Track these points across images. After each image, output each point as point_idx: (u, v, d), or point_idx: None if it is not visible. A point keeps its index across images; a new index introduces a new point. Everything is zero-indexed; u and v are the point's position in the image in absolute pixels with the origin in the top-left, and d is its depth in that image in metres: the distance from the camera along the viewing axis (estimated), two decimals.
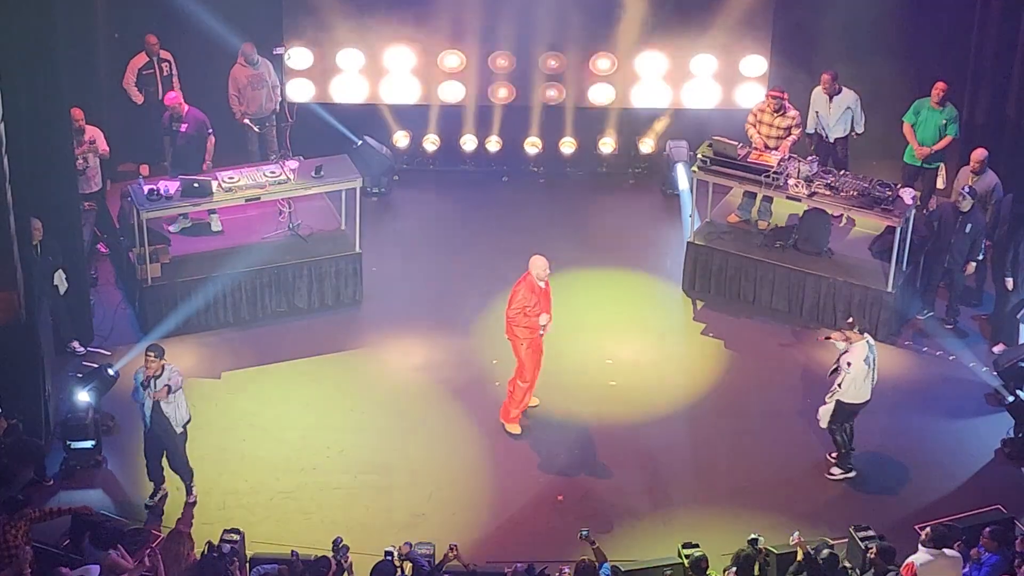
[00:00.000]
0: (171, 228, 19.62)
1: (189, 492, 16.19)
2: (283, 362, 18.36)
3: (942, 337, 18.97)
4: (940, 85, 20.07)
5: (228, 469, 16.59)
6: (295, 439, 17.06)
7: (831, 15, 21.57)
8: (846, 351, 16.45)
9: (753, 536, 14.42)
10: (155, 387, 15.53)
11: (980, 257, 18.85)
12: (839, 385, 16.45)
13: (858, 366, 16.35)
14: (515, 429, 17.21)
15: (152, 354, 15.57)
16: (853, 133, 20.69)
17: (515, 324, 16.83)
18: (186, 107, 19.77)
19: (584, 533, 14.47)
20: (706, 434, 17.34)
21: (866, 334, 16.60)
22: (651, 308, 19.61)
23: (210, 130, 19.77)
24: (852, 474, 16.80)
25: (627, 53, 21.96)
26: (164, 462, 16.07)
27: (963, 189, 18.66)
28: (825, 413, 16.66)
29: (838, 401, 16.51)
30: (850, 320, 16.76)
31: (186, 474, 16.13)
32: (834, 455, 16.90)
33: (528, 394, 17.21)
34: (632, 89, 22.17)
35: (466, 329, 19.02)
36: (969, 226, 18.59)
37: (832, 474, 16.84)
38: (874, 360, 16.46)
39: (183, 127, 19.67)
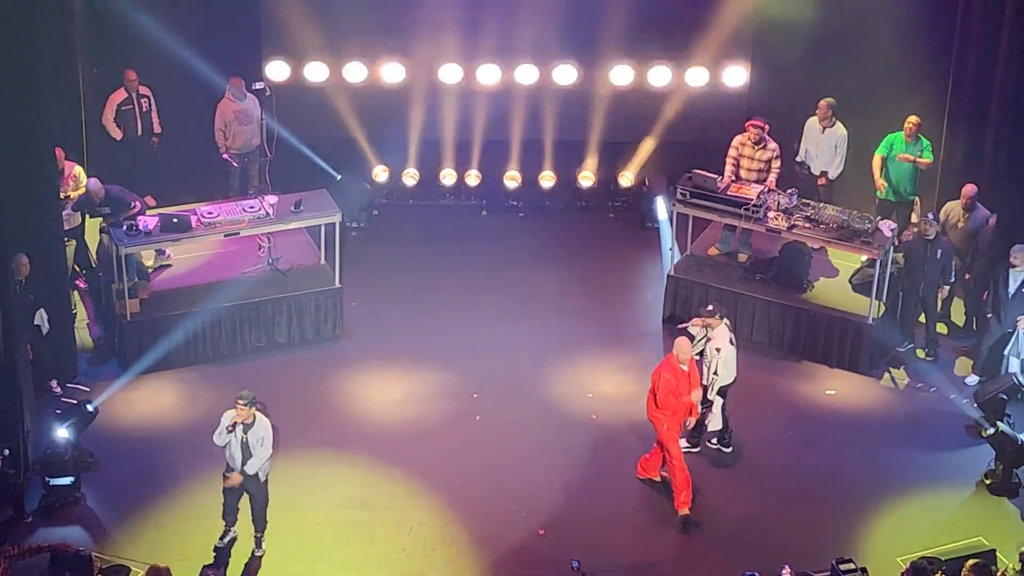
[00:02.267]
0: (148, 265, 19.52)
1: (259, 545, 15.97)
2: (261, 396, 18.26)
3: (922, 369, 18.99)
4: (913, 119, 20.14)
5: (208, 504, 16.51)
6: (276, 475, 16.96)
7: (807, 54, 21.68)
8: (708, 338, 16.89)
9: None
10: (242, 433, 15.39)
11: (952, 280, 18.95)
12: (716, 373, 16.89)
13: (727, 348, 16.87)
14: (685, 511, 16.57)
15: (243, 401, 15.39)
16: (825, 176, 20.68)
17: (663, 408, 16.44)
18: (102, 189, 19.12)
19: (575, 565, 14.45)
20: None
21: (724, 318, 17.01)
22: (632, 341, 19.59)
23: (132, 203, 19.16)
24: (730, 449, 17.34)
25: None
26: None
27: (927, 216, 18.75)
28: (717, 409, 17.14)
29: (721, 387, 17.00)
30: (710, 308, 16.99)
31: (262, 524, 15.94)
32: (714, 440, 17.45)
33: (684, 468, 16.57)
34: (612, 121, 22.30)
35: (447, 363, 18.98)
36: (939, 251, 18.72)
37: (716, 446, 17.48)
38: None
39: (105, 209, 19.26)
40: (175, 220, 18.46)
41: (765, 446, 17.65)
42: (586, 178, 22.59)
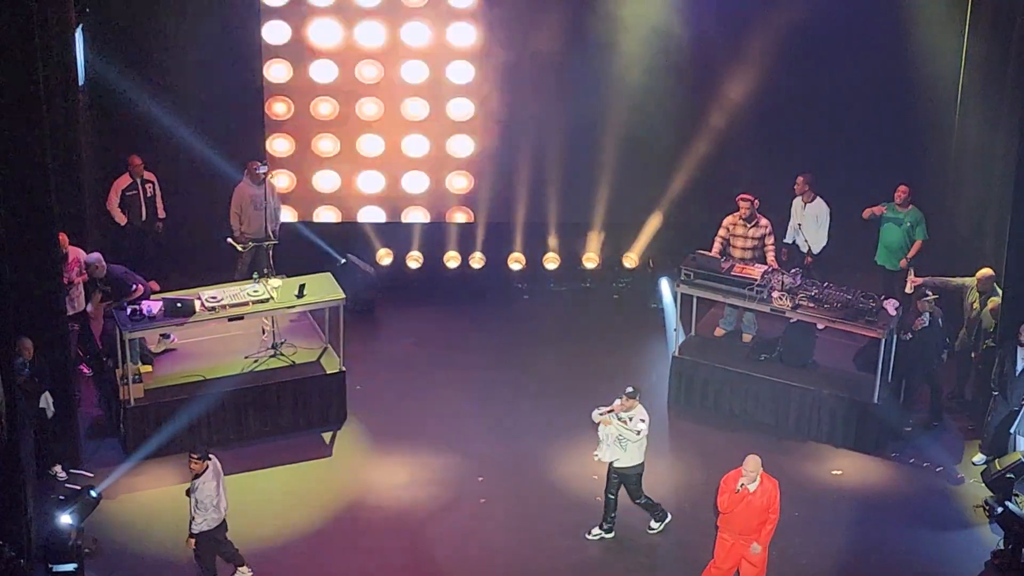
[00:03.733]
0: (153, 350, 19.51)
1: None
2: (266, 481, 18.25)
3: (929, 449, 18.92)
4: (903, 188, 20.35)
5: None
6: (280, 560, 16.89)
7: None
8: (630, 419, 16.64)
9: None
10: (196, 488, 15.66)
11: (947, 350, 19.14)
12: (639, 432, 16.72)
13: (646, 426, 16.68)
14: None
15: (195, 455, 15.66)
16: (809, 255, 20.75)
17: (722, 522, 16.00)
18: (102, 267, 19.17)
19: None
20: (692, 549, 17.15)
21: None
22: None
23: (132, 286, 19.18)
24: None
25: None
26: None
27: (927, 294, 18.79)
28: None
29: (634, 466, 16.85)
30: (630, 390, 16.67)
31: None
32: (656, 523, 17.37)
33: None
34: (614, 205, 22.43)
35: (451, 446, 18.92)
36: (939, 320, 18.90)
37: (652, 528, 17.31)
38: None
39: (109, 289, 19.33)
40: (179, 304, 18.47)
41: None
42: (590, 259, 22.65)
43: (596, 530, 17.24)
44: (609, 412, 16.70)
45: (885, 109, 21.88)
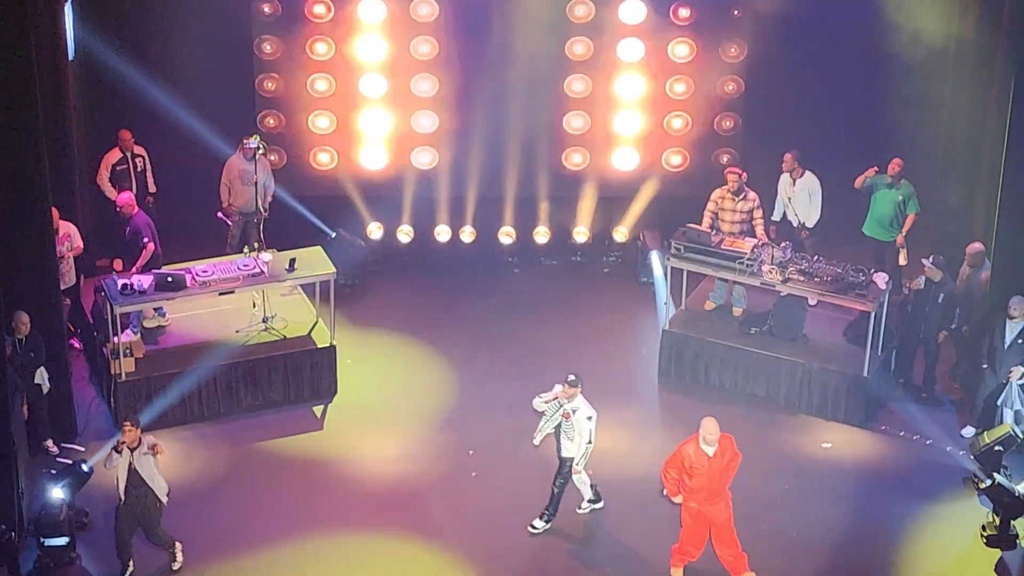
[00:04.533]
0: (145, 324, 19.52)
1: (175, 559, 16.25)
2: (257, 455, 18.27)
3: (918, 421, 18.97)
4: (896, 161, 20.40)
5: (202, 562, 16.46)
6: (274, 538, 16.92)
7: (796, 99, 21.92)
8: (576, 408, 16.45)
9: None
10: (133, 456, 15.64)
11: (952, 327, 19.00)
12: (590, 442, 16.57)
13: (593, 423, 16.52)
14: (677, 573, 16.39)
15: (129, 423, 15.68)
16: (803, 229, 20.77)
17: (681, 488, 15.98)
18: (134, 210, 19.75)
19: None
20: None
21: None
22: (627, 396, 19.57)
23: (145, 239, 19.61)
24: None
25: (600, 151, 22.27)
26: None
27: (931, 260, 18.78)
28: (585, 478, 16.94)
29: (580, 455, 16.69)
30: (572, 377, 16.48)
31: (167, 543, 16.22)
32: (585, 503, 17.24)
33: (697, 549, 16.19)
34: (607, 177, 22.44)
35: (442, 420, 18.96)
36: (941, 295, 18.85)
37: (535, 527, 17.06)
38: None
39: (126, 229, 19.66)
40: (170, 279, 18.46)
41: (761, 499, 17.58)
42: (580, 233, 22.66)
43: (585, 503, 17.28)
44: (554, 400, 16.60)
45: (875, 82, 21.86)
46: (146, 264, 19.44)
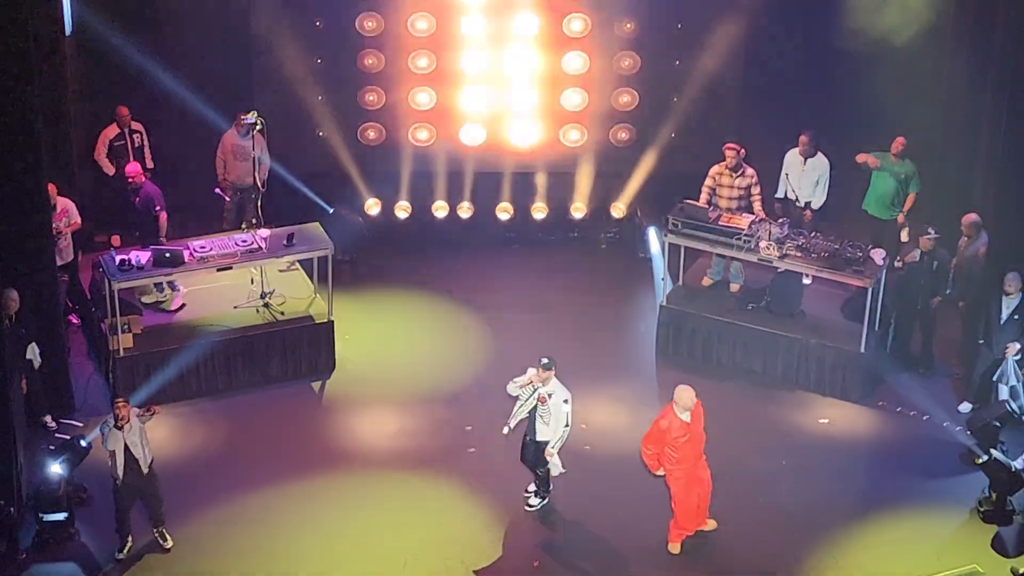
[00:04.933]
0: (144, 299, 19.53)
1: (166, 539, 16.32)
2: (255, 431, 18.30)
3: (916, 397, 19.00)
4: (900, 140, 20.36)
5: (201, 539, 16.48)
6: (273, 513, 16.95)
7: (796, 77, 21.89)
8: (552, 392, 16.37)
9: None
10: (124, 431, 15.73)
11: (948, 292, 19.08)
12: (567, 425, 16.45)
13: (569, 407, 16.42)
14: (674, 548, 16.54)
15: (122, 400, 15.82)
16: (808, 209, 20.75)
17: (662, 461, 16.17)
18: (143, 179, 19.78)
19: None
20: None
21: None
22: (625, 372, 19.59)
23: (158, 207, 19.68)
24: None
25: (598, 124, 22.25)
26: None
27: (929, 231, 18.80)
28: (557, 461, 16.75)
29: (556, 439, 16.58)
30: (545, 360, 16.41)
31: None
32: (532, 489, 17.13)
33: (692, 520, 16.48)
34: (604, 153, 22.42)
35: (440, 396, 18.99)
36: (935, 263, 18.93)
37: (532, 505, 17.08)
38: None
39: (136, 200, 19.69)
40: (168, 255, 18.47)
41: (759, 475, 17.64)
42: (578, 209, 22.66)
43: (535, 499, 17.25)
44: (528, 384, 16.56)
45: (874, 56, 21.82)
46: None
